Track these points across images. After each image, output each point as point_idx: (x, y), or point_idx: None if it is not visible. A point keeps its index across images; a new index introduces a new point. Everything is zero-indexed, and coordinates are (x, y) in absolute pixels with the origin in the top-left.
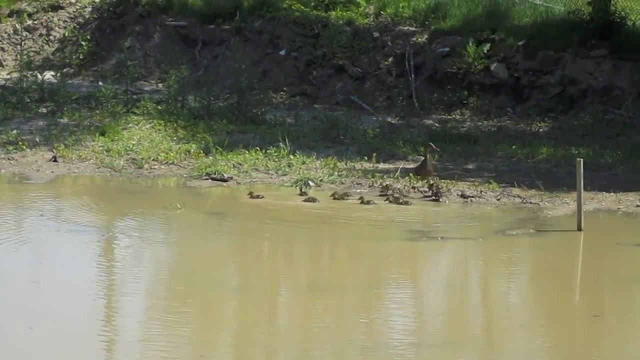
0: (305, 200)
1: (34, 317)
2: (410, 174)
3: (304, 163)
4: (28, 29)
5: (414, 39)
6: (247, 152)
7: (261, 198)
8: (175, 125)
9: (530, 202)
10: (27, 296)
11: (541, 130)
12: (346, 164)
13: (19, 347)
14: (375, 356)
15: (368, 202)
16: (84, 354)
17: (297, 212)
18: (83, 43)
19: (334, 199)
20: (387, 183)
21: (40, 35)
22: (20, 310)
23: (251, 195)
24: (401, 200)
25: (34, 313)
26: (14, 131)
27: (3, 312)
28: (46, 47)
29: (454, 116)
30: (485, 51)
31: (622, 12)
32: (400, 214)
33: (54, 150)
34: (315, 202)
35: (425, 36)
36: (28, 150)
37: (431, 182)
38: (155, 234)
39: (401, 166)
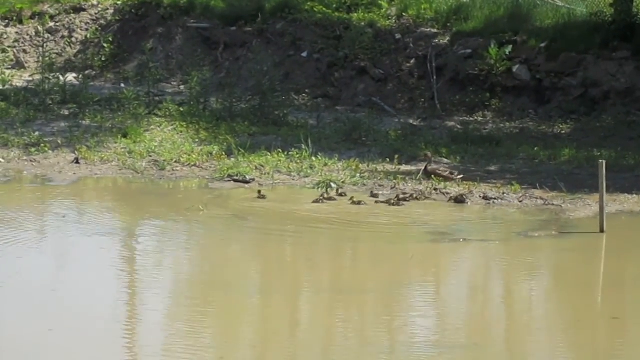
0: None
1: (54, 319)
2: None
3: (326, 165)
4: (50, 31)
5: (436, 40)
6: (269, 154)
7: (264, 198)
8: (197, 127)
9: (553, 204)
10: (48, 298)
11: (563, 132)
12: (368, 166)
13: (39, 349)
14: (396, 357)
15: (359, 203)
16: (104, 355)
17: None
18: (105, 45)
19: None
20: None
21: (62, 37)
22: (41, 312)
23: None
24: (393, 202)
25: (54, 315)
26: (36, 133)
27: (24, 313)
28: (68, 49)
29: (476, 118)
30: (507, 53)
31: None
32: (421, 216)
33: (76, 152)
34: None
35: (447, 38)
36: (50, 152)
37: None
38: (177, 236)
39: (423, 168)
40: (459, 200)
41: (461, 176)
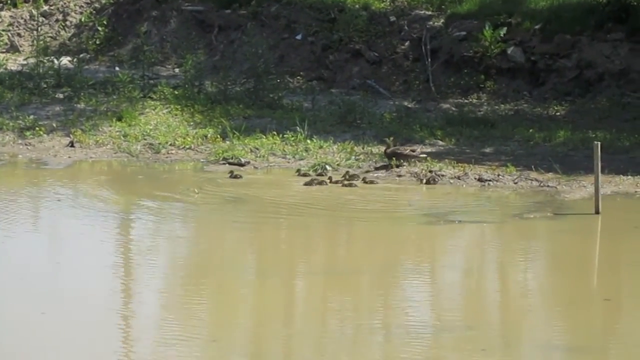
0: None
1: (48, 302)
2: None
3: (321, 147)
4: (44, 15)
5: (431, 23)
6: (264, 136)
7: (240, 178)
8: (192, 110)
9: (548, 186)
10: (42, 281)
11: (558, 113)
12: (363, 149)
13: (32, 332)
14: (393, 340)
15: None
16: (97, 336)
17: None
18: (99, 28)
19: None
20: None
21: (57, 20)
22: (35, 295)
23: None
24: (346, 183)
25: (48, 298)
26: (31, 117)
27: (18, 296)
28: (62, 32)
29: (470, 100)
30: (501, 35)
31: None
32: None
33: (71, 136)
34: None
35: (442, 20)
36: (45, 135)
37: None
38: (171, 219)
39: (418, 150)
40: (429, 181)
41: (424, 155)
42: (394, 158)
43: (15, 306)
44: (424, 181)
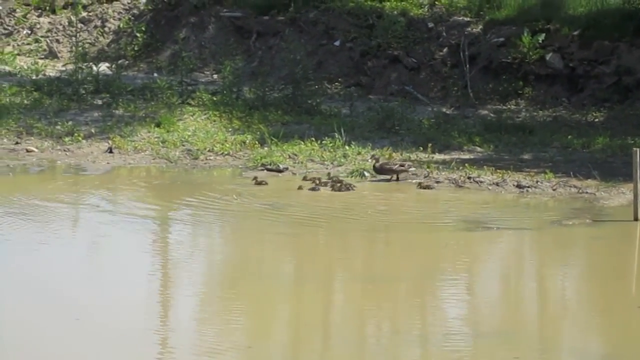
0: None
1: (83, 308)
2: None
3: (359, 154)
4: (83, 21)
5: (469, 29)
6: (302, 142)
7: (265, 184)
8: (230, 116)
9: (587, 192)
10: (78, 287)
11: (597, 120)
12: (401, 155)
13: (66, 338)
14: (430, 345)
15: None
16: (133, 342)
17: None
18: (138, 34)
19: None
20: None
21: (95, 27)
22: (70, 301)
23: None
24: (342, 188)
25: (84, 304)
26: (70, 122)
27: (54, 302)
28: (101, 38)
29: (509, 106)
30: (540, 41)
31: None
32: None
33: (110, 142)
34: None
35: (480, 26)
36: (84, 141)
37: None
38: (210, 225)
39: (457, 157)
40: (425, 187)
41: (413, 168)
42: (384, 173)
43: (51, 312)
44: (419, 186)
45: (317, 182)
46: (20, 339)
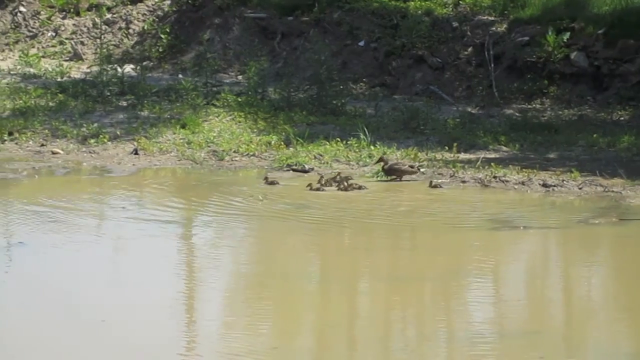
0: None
1: (109, 309)
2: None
3: (384, 154)
4: (107, 23)
5: (493, 28)
6: (327, 143)
7: (277, 184)
8: (255, 117)
9: (613, 191)
10: (104, 288)
11: (622, 118)
12: (427, 155)
13: (92, 339)
14: (455, 345)
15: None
16: (159, 343)
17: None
18: (162, 36)
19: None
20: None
21: (120, 28)
22: (96, 302)
23: (266, 180)
24: (345, 187)
25: (109, 305)
26: (95, 124)
27: (80, 303)
28: (125, 40)
29: (534, 105)
30: (565, 40)
31: None
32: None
33: (135, 143)
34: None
35: (505, 25)
36: (109, 143)
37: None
38: (236, 226)
39: (482, 156)
40: (435, 185)
41: (423, 168)
42: (393, 175)
43: (77, 313)
44: (430, 185)
45: (322, 182)
46: (44, 341)
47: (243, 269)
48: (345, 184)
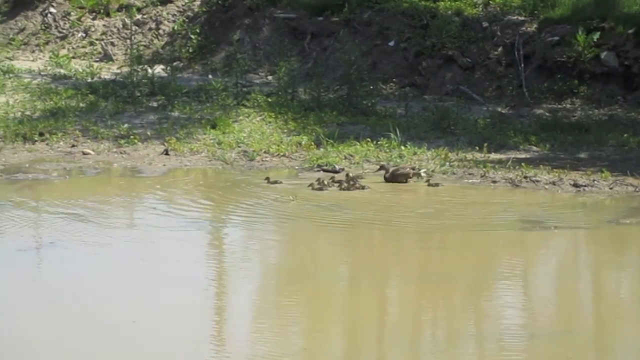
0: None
1: (139, 310)
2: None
3: (415, 154)
4: (137, 23)
5: (523, 28)
6: (358, 143)
7: (280, 183)
8: (285, 117)
9: None
10: (135, 289)
11: None
12: (457, 155)
13: (122, 340)
14: (485, 345)
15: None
16: (188, 343)
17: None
18: (192, 36)
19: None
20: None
21: (150, 29)
22: (126, 303)
23: (268, 180)
24: (346, 186)
25: (140, 306)
26: (126, 125)
27: (110, 303)
28: (155, 41)
29: (564, 105)
30: (595, 40)
31: None
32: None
33: (166, 144)
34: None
35: (535, 25)
36: (140, 143)
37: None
38: (266, 227)
39: (513, 156)
40: (433, 184)
41: (424, 170)
42: (397, 181)
43: (107, 313)
44: (428, 184)
45: (320, 182)
46: (73, 341)
47: (273, 270)
48: (347, 184)
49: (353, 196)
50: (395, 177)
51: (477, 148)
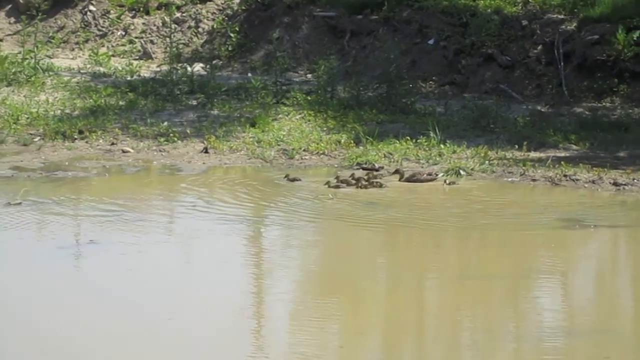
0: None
1: (177, 308)
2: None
3: (454, 152)
4: (177, 22)
5: (563, 26)
6: (397, 141)
7: (299, 181)
8: (325, 115)
9: None
10: (173, 287)
11: None
12: (497, 153)
13: (159, 337)
14: (523, 343)
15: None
16: (226, 342)
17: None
18: (232, 35)
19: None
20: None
21: (189, 27)
22: (164, 300)
23: (287, 178)
24: (362, 185)
25: (178, 303)
26: (165, 123)
27: (148, 301)
28: (195, 39)
29: (604, 104)
30: (635, 38)
31: None
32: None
33: (205, 142)
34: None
35: (574, 24)
36: (179, 141)
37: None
38: (305, 225)
39: (552, 155)
40: (451, 183)
41: (440, 174)
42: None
43: (145, 311)
44: (447, 182)
45: (338, 179)
46: (112, 338)
47: (311, 268)
48: (363, 182)
49: (385, 195)
50: (412, 181)
51: (517, 146)
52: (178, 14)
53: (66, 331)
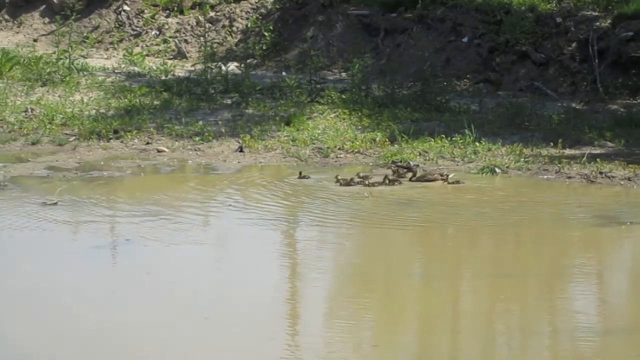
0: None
1: (213, 307)
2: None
3: (489, 150)
4: (211, 21)
5: (597, 23)
6: (432, 139)
7: (309, 178)
8: (359, 114)
9: None
10: (208, 286)
11: None
12: (532, 150)
13: (195, 337)
14: (558, 341)
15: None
16: (261, 342)
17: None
18: (266, 34)
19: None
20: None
21: (223, 26)
22: (199, 300)
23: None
24: (369, 183)
25: (213, 303)
26: (200, 122)
27: (184, 301)
28: (229, 38)
29: (639, 101)
30: None
31: None
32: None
33: (240, 141)
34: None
35: (609, 20)
36: (214, 141)
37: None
38: (340, 223)
39: (587, 152)
40: (455, 182)
41: (452, 174)
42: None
43: (181, 310)
44: (448, 182)
45: (345, 179)
46: (147, 337)
47: (346, 267)
48: (372, 180)
49: (449, 193)
50: (421, 181)
51: (552, 144)
52: (212, 13)
53: (109, 330)
